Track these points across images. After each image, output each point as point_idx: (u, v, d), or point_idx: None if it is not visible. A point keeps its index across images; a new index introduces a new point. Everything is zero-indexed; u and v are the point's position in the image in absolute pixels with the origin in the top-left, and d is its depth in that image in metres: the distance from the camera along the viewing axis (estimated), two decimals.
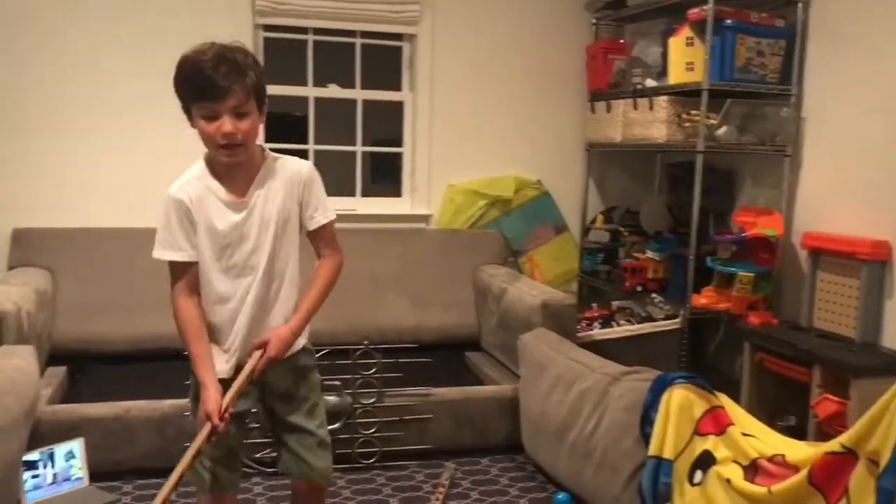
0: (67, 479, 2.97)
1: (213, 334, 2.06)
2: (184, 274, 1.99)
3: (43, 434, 2.95)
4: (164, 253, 1.98)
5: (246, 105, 1.92)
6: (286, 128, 4.64)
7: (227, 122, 1.90)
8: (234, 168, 1.99)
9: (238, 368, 2.04)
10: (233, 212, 1.99)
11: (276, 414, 2.16)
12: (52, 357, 3.63)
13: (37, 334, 3.36)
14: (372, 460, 3.26)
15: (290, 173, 2.06)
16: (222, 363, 2.05)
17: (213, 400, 1.94)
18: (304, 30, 4.37)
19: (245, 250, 2.01)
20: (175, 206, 1.97)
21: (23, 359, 2.88)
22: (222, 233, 1.99)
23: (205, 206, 1.98)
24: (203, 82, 1.88)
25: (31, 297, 3.35)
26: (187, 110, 1.96)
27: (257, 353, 2.03)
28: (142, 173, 4.11)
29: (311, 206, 2.09)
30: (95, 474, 3.03)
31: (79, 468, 3.00)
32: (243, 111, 1.92)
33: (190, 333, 2.00)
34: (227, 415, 1.94)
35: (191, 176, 2.02)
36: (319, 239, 2.13)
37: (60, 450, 2.96)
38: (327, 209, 2.12)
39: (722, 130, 3.70)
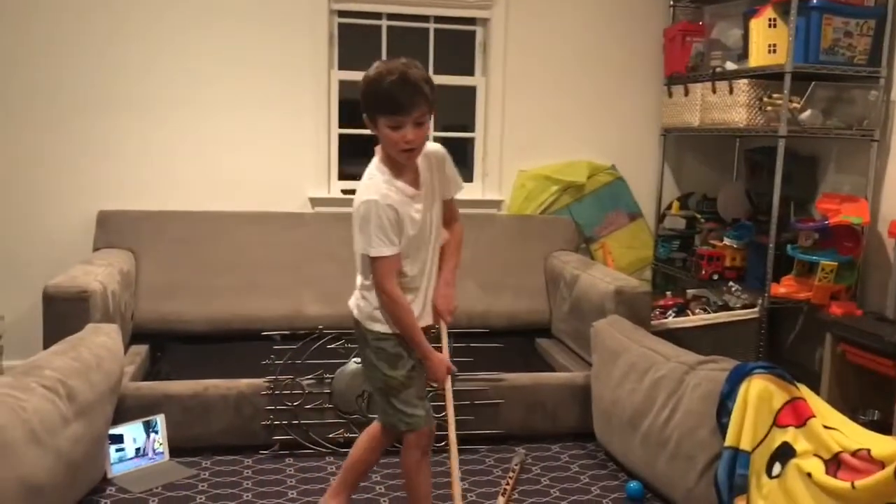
0: (149, 454, 3.07)
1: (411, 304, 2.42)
2: (393, 265, 2.30)
3: (127, 409, 3.06)
4: (383, 250, 2.26)
5: (424, 116, 2.25)
6: (359, 113, 4.68)
7: (409, 131, 2.22)
8: (406, 165, 2.33)
9: None
10: (417, 202, 2.34)
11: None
12: (134, 336, 3.76)
13: (121, 313, 3.49)
14: (443, 443, 3.27)
15: (433, 155, 2.41)
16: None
17: (444, 360, 2.44)
18: (378, 15, 4.39)
19: (427, 231, 2.38)
20: (385, 210, 2.25)
21: (108, 337, 2.99)
22: (418, 221, 2.33)
23: (402, 203, 2.29)
24: (393, 99, 2.20)
25: (115, 278, 3.46)
26: (372, 119, 2.27)
27: (445, 316, 2.49)
28: (222, 158, 4.22)
29: (450, 180, 2.46)
30: (175, 449, 3.14)
31: (160, 443, 3.10)
32: (421, 121, 2.24)
33: (408, 313, 2.35)
34: None
35: (380, 180, 2.29)
36: (451, 206, 2.51)
37: (143, 425, 3.06)
38: (460, 182, 2.51)
39: (805, 115, 3.58)
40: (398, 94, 2.19)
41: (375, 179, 2.30)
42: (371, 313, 2.39)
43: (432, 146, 2.41)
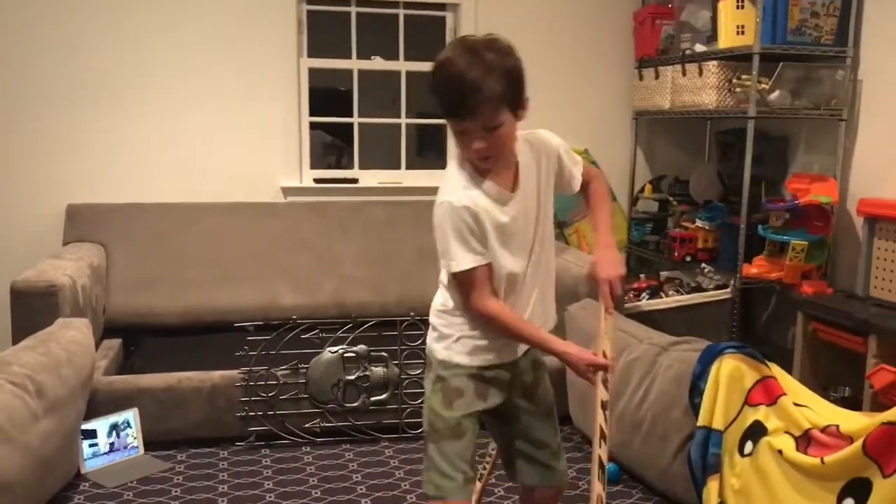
0: (123, 448, 3.05)
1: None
2: (485, 278, 1.87)
3: (100, 404, 3.04)
4: (465, 262, 1.83)
5: (496, 119, 1.77)
6: (330, 101, 4.66)
7: (476, 140, 1.78)
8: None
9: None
10: (507, 205, 1.89)
11: (517, 413, 2.07)
12: (106, 330, 3.72)
13: (92, 307, 3.45)
14: (419, 430, 3.28)
15: (541, 147, 1.96)
16: (514, 348, 1.99)
17: (588, 351, 1.91)
18: (347, 1, 4.35)
19: (524, 236, 1.94)
20: (463, 213, 1.82)
21: (79, 331, 2.96)
22: (506, 226, 1.89)
23: (484, 205, 1.85)
24: (451, 99, 1.77)
25: (85, 272, 3.43)
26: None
27: (604, 286, 1.98)
28: (192, 149, 4.17)
29: (568, 170, 2.02)
30: (150, 443, 3.12)
31: (134, 437, 3.08)
32: (493, 125, 1.77)
33: (521, 325, 1.91)
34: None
35: (460, 179, 1.87)
36: (584, 180, 2.07)
37: (116, 419, 3.04)
38: (578, 162, 2.05)
39: (774, 95, 3.60)
40: (457, 95, 1.74)
41: (452, 177, 1.88)
42: (443, 335, 1.98)
43: (543, 135, 1.98)
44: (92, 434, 2.97)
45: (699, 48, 3.95)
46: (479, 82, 1.72)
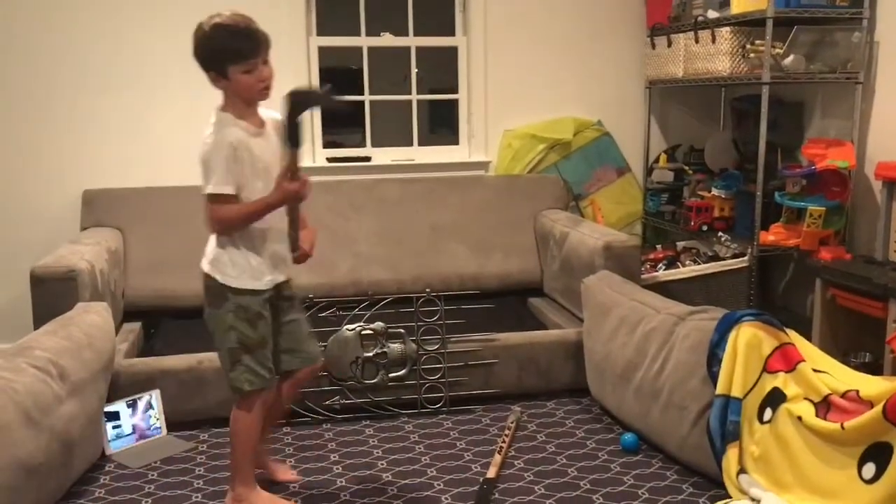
0: (147, 429, 3.09)
1: (259, 245, 2.67)
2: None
3: (121, 386, 3.07)
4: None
5: (267, 54, 2.41)
6: (341, 80, 4.64)
7: (264, 69, 2.40)
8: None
9: None
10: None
11: None
12: (126, 313, 3.75)
13: (111, 292, 3.48)
14: (438, 405, 3.30)
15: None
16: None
17: (293, 184, 2.61)
18: None
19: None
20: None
21: (98, 315, 2.99)
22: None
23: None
24: (245, 42, 2.37)
25: (103, 256, 3.45)
26: (221, 72, 2.43)
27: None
28: (204, 131, 4.16)
29: None
30: (172, 424, 3.15)
31: (157, 418, 3.12)
32: (267, 58, 2.41)
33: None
34: None
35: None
36: None
37: (139, 401, 3.08)
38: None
39: (789, 60, 3.56)
40: (252, 35, 2.38)
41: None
42: None
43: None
44: (115, 416, 3.00)
45: (712, 14, 3.90)
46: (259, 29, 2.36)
